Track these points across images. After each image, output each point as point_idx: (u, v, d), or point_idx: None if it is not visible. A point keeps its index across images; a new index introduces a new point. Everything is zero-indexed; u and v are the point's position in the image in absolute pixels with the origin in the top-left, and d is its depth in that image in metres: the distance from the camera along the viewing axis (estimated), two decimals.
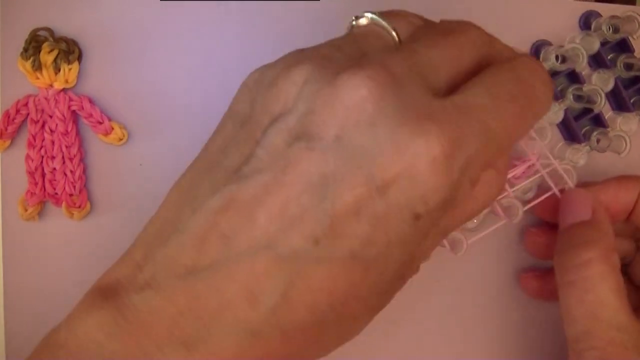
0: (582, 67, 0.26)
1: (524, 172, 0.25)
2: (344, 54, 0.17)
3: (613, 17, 0.26)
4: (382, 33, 0.18)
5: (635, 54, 0.26)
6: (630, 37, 0.26)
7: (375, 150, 0.14)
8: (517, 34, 0.27)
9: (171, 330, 0.15)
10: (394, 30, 0.17)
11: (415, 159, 0.14)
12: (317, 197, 0.14)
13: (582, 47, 0.26)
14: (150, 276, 0.16)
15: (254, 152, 0.15)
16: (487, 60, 0.17)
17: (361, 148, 0.14)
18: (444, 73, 0.16)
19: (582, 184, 0.25)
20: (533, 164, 0.25)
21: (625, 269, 0.25)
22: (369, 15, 0.18)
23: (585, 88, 0.26)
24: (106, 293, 0.16)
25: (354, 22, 0.18)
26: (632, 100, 0.27)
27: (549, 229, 0.26)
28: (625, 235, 0.25)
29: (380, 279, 0.16)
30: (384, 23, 0.17)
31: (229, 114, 0.18)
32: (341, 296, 0.15)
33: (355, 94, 0.14)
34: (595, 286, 0.20)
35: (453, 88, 0.16)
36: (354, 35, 0.18)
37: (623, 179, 0.24)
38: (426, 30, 0.17)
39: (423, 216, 0.15)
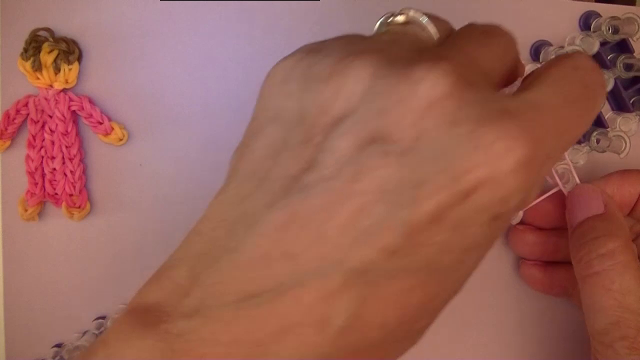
0: None
1: None
2: (400, 49, 0.15)
3: (613, 18, 0.26)
4: (420, 33, 0.16)
5: (635, 54, 0.26)
6: (629, 39, 0.26)
7: (457, 152, 0.13)
8: (517, 34, 0.27)
9: None
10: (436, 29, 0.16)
11: (499, 160, 0.13)
12: (394, 205, 0.13)
13: (582, 47, 0.26)
14: (199, 302, 0.14)
15: (316, 158, 0.14)
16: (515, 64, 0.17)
17: (442, 150, 0.13)
18: (497, 72, 0.15)
19: (583, 182, 0.25)
20: None
21: None
22: (411, 12, 0.16)
23: None
24: (146, 318, 0.14)
25: (390, 19, 0.16)
26: (631, 101, 0.27)
27: (535, 228, 0.26)
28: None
29: (453, 288, 0.15)
30: (425, 21, 0.16)
31: (266, 115, 0.16)
32: (414, 311, 0.14)
33: (435, 90, 0.13)
34: (621, 276, 0.20)
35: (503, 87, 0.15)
36: (392, 32, 0.16)
37: (625, 173, 0.24)
38: (465, 32, 0.16)
39: (501, 217, 0.14)
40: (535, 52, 0.27)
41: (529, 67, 0.26)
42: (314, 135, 0.14)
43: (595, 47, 0.26)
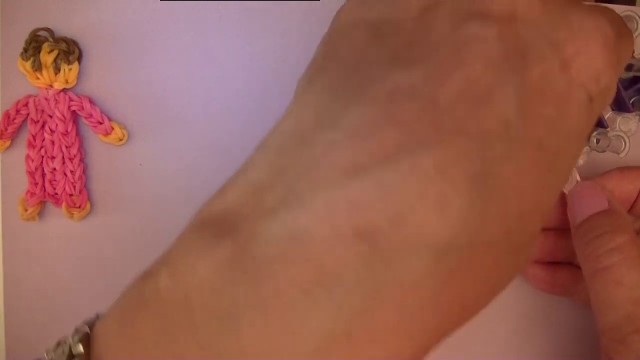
0: None
1: None
2: None
3: None
4: None
5: (635, 54, 0.26)
6: None
7: (553, 25, 0.14)
8: None
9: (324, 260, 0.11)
10: None
11: (590, 36, 0.14)
12: (503, 72, 0.13)
13: None
14: (287, 190, 0.12)
15: (414, 39, 0.13)
16: None
17: (539, 23, 0.14)
18: None
19: (583, 180, 0.25)
20: None
21: None
22: None
23: None
24: (220, 227, 0.12)
25: None
26: (631, 101, 0.27)
27: None
28: None
29: (558, 179, 0.14)
30: None
31: (352, 22, 0.15)
32: (529, 198, 0.13)
33: None
34: (631, 269, 0.20)
35: None
36: None
37: (625, 169, 0.24)
38: None
39: (594, 99, 0.14)
40: None
41: None
42: (405, 24, 0.14)
43: None
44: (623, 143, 0.26)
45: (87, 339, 0.14)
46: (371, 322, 0.12)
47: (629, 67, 0.26)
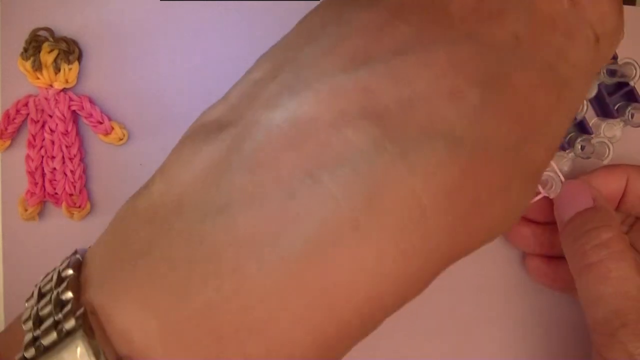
0: None
1: None
2: None
3: None
4: None
5: (618, 60, 0.26)
6: None
7: None
8: None
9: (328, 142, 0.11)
10: None
11: None
12: None
13: None
14: (293, 77, 0.12)
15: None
16: None
17: None
18: None
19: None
20: None
21: None
22: None
23: None
24: (220, 123, 0.12)
25: None
26: (616, 107, 0.27)
27: (531, 221, 0.26)
28: None
29: (568, 108, 0.14)
30: None
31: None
32: (539, 119, 0.13)
33: None
34: (617, 263, 0.20)
35: None
36: None
37: (611, 167, 0.24)
38: None
39: (600, 40, 0.14)
40: None
41: None
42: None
43: None
44: (607, 149, 0.26)
45: (77, 264, 0.13)
46: (381, 211, 0.10)
47: (613, 73, 0.26)
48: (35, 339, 0.12)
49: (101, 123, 0.26)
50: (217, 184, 0.11)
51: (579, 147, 0.27)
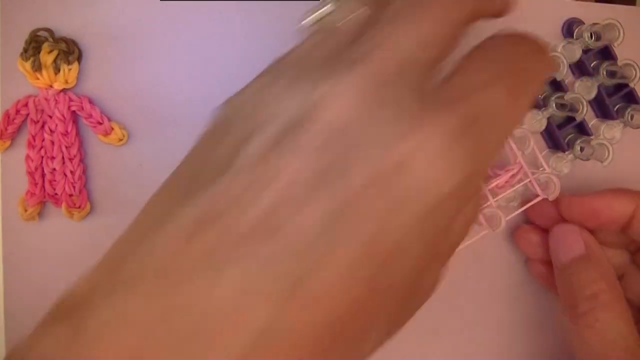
0: (563, 75, 0.26)
1: (507, 181, 0.25)
2: (316, 58, 0.16)
3: (594, 24, 0.26)
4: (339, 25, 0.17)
5: (618, 61, 0.26)
6: (611, 45, 0.26)
7: (382, 125, 0.13)
8: None
9: (143, 339, 0.12)
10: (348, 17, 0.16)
11: (415, 153, 0.13)
12: (317, 186, 0.13)
13: (564, 55, 0.26)
14: (121, 280, 0.13)
15: (232, 160, 0.15)
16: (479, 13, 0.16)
17: (364, 126, 0.14)
18: (425, 55, 0.15)
19: (567, 192, 0.25)
20: (516, 173, 0.25)
21: (619, 281, 0.25)
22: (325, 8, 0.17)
23: (567, 96, 0.26)
24: (62, 308, 0.14)
25: (305, 21, 0.18)
26: (615, 108, 0.27)
27: (540, 228, 0.27)
28: (619, 247, 0.26)
29: (399, 278, 0.14)
30: (336, 13, 0.17)
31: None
32: (360, 293, 0.13)
33: (338, 108, 0.14)
34: (605, 315, 0.21)
35: (441, 61, 0.15)
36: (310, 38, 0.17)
37: (620, 191, 0.24)
38: (386, 11, 0.16)
39: (432, 217, 0.14)
40: None
41: None
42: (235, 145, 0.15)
43: (577, 55, 0.26)
44: (607, 151, 0.26)
45: None
46: None
47: (613, 74, 0.26)
48: None
49: (101, 123, 0.26)
50: None
51: (579, 148, 0.27)
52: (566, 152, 0.27)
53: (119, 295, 0.13)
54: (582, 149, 0.27)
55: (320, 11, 0.17)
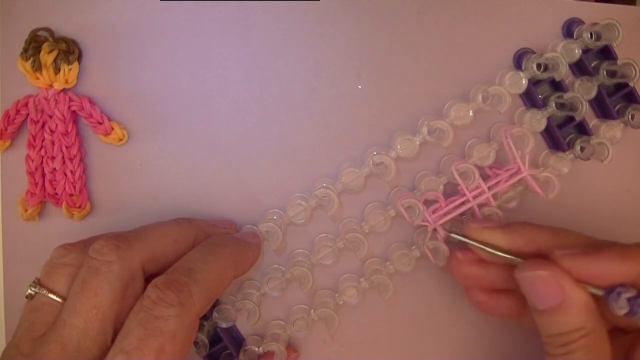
0: (563, 75, 0.26)
1: (506, 181, 0.25)
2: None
3: (593, 24, 0.26)
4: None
5: (618, 60, 0.26)
6: (611, 45, 0.26)
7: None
8: (502, 42, 0.27)
9: None
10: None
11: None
12: None
13: (564, 54, 0.26)
14: None
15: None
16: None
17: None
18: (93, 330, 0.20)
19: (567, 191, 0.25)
20: (515, 173, 0.25)
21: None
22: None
23: (567, 96, 0.26)
24: None
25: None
26: (616, 108, 0.27)
27: (475, 259, 0.25)
28: None
29: None
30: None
31: None
32: None
33: None
34: (580, 357, 0.21)
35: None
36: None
37: (624, 251, 0.22)
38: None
39: None
40: (518, 60, 0.27)
41: (510, 75, 0.26)
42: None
43: (577, 55, 0.26)
44: (607, 151, 0.26)
45: None
46: None
47: (613, 74, 0.26)
48: None
49: (101, 123, 0.26)
50: None
51: (579, 148, 0.27)
52: (566, 152, 0.27)
53: None
54: (582, 149, 0.27)
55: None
